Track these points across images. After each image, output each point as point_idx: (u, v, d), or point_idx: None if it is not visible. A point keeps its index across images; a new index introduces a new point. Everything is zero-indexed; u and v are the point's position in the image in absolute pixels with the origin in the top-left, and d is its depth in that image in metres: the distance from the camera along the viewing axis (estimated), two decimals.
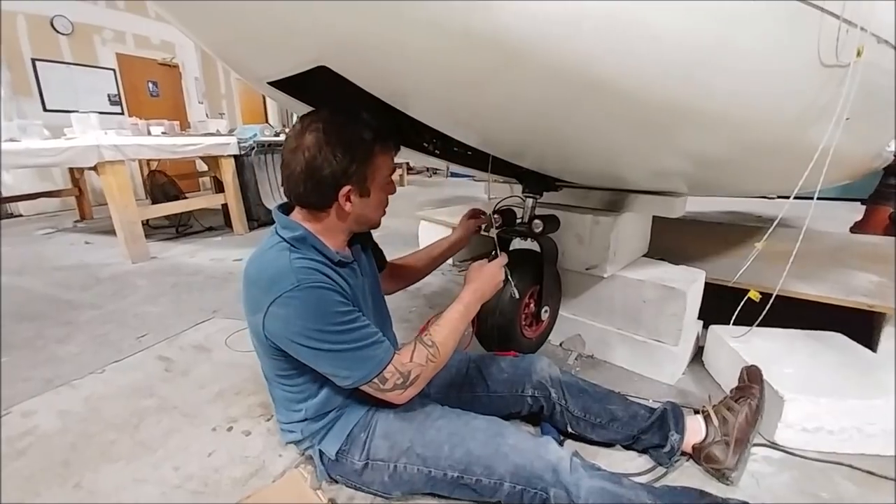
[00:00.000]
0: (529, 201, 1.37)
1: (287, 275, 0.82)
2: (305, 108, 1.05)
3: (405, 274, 1.32)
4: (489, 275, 1.05)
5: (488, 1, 0.58)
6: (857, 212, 3.22)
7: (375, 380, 0.86)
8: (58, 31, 5.06)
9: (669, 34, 0.68)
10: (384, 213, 1.00)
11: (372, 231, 1.08)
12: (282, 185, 0.92)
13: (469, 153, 1.23)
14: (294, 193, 0.90)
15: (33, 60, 4.89)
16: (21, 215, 4.90)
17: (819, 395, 1.14)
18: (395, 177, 1.01)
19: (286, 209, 0.97)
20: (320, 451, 1.00)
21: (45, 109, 4.98)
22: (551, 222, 1.41)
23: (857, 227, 3.09)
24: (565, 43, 0.64)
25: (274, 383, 1.01)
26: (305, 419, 0.99)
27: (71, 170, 4.34)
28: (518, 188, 1.40)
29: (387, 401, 0.91)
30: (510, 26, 0.60)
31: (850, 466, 1.10)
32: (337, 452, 0.97)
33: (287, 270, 0.82)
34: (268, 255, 0.88)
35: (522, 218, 1.37)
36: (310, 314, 0.81)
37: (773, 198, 3.16)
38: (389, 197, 0.99)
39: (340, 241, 0.97)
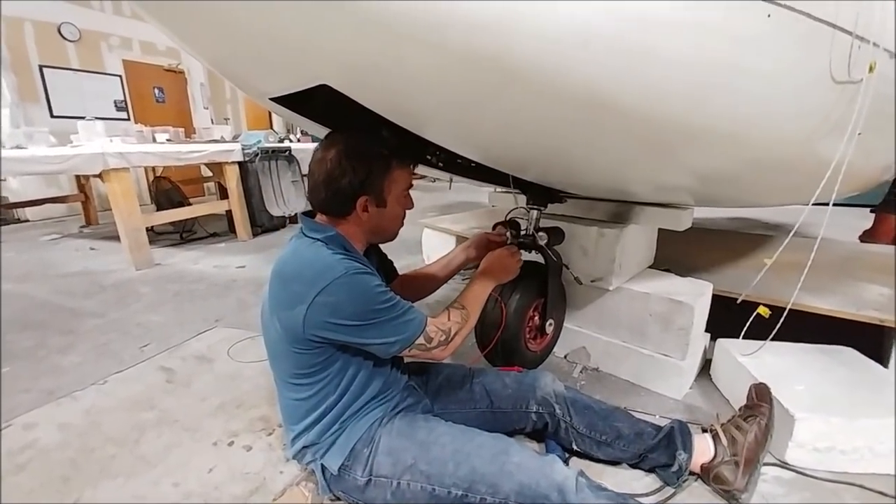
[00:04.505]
0: (534, 213, 1.35)
1: (333, 265, 0.87)
2: (309, 123, 1.05)
3: (418, 286, 1.31)
4: (499, 258, 1.19)
5: (493, 22, 0.57)
6: (865, 219, 3.17)
7: (421, 339, 0.94)
8: (65, 38, 5.10)
9: (677, 55, 0.67)
10: (401, 225, 1.05)
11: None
12: (307, 193, 0.99)
13: (473, 165, 1.22)
14: (316, 200, 0.96)
15: (41, 67, 4.93)
16: (27, 220, 4.93)
17: (831, 413, 1.12)
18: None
19: (310, 216, 1.01)
20: (322, 465, 0.99)
21: (52, 116, 5.02)
22: (556, 234, 1.39)
23: (866, 236, 3.04)
24: (572, 64, 0.62)
25: (287, 388, 1.01)
26: (314, 424, 0.99)
27: (77, 175, 4.36)
28: (522, 199, 1.39)
29: (432, 359, 0.99)
30: (515, 47, 0.59)
31: (862, 487, 1.07)
32: (339, 468, 0.96)
33: (332, 262, 0.88)
34: (305, 253, 0.92)
35: (527, 230, 1.36)
36: (359, 297, 0.87)
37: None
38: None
39: (359, 248, 1.00)
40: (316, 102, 0.93)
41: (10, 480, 1.11)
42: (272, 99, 0.90)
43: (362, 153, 0.91)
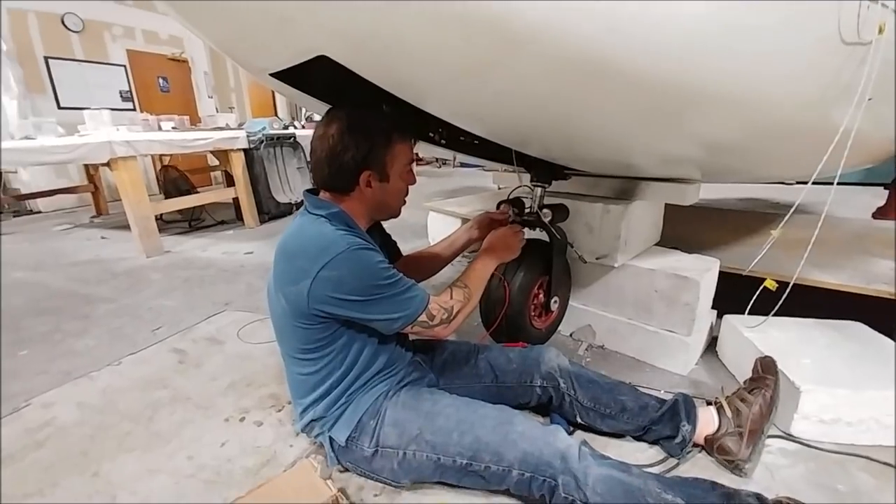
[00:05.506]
0: (538, 190, 1.35)
1: (336, 241, 0.88)
2: (311, 101, 1.04)
3: (422, 267, 1.31)
4: (502, 237, 1.19)
5: None
6: (880, 197, 3.11)
7: (424, 316, 0.94)
8: (69, 29, 5.11)
9: (679, 15, 0.65)
10: (404, 202, 1.06)
11: (382, 222, 1.13)
12: (310, 170, 1.00)
13: (476, 142, 1.21)
14: (320, 177, 0.97)
15: (46, 58, 4.95)
16: (39, 212, 5.00)
17: (836, 385, 1.12)
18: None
19: (315, 194, 1.01)
20: (330, 437, 1.01)
21: (59, 107, 5.05)
22: (560, 211, 1.39)
23: (879, 213, 2.99)
24: (572, 27, 0.61)
25: (294, 363, 1.03)
26: (321, 399, 1.01)
27: (86, 166, 4.40)
28: (526, 177, 1.38)
29: (434, 336, 1.00)
30: (515, 12, 0.58)
31: (868, 458, 1.07)
32: (347, 439, 0.98)
33: (335, 237, 0.89)
34: (309, 229, 0.93)
35: (531, 207, 1.36)
36: (362, 272, 0.88)
37: (791, 183, 3.07)
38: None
39: (362, 225, 1.01)
40: (317, 78, 0.93)
41: (31, 456, 1.15)
42: (273, 75, 0.90)
43: (364, 127, 0.91)
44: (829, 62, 0.88)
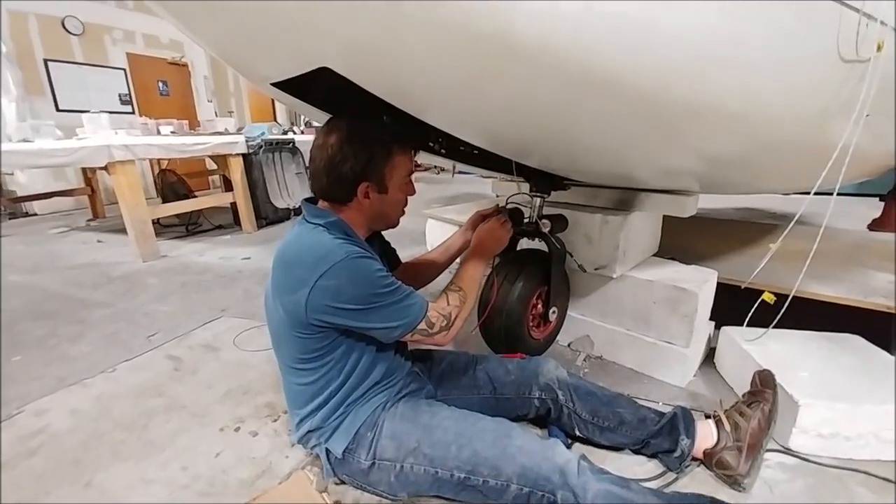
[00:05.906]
0: (537, 200, 1.35)
1: (334, 250, 0.87)
2: (310, 109, 1.05)
3: (419, 274, 1.30)
4: (489, 230, 1.16)
5: (493, 1, 0.56)
6: (875, 208, 3.14)
7: (423, 324, 0.94)
8: (69, 32, 5.11)
9: (681, 31, 0.66)
10: (403, 213, 1.05)
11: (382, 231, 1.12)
12: (309, 179, 0.99)
13: (475, 152, 1.22)
14: (318, 187, 0.96)
15: (45, 61, 4.95)
16: (36, 214, 4.98)
17: (835, 399, 1.11)
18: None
19: (313, 203, 1.01)
20: (327, 449, 1.00)
21: (57, 109, 5.04)
22: (559, 222, 1.39)
23: (875, 225, 3.01)
24: (573, 41, 0.62)
25: (291, 373, 1.02)
26: (319, 409, 1.00)
27: (83, 169, 4.40)
28: (525, 185, 1.38)
29: (434, 345, 1.00)
30: (516, 25, 0.58)
31: (866, 473, 1.07)
32: (344, 451, 0.97)
33: (333, 246, 0.88)
34: (307, 237, 0.93)
35: (530, 217, 1.36)
36: (360, 280, 0.87)
37: (787, 193, 3.09)
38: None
39: (361, 235, 1.00)
40: (317, 88, 0.93)
41: (23, 464, 1.14)
42: (274, 84, 0.90)
43: (364, 138, 0.91)
44: (829, 78, 0.89)
